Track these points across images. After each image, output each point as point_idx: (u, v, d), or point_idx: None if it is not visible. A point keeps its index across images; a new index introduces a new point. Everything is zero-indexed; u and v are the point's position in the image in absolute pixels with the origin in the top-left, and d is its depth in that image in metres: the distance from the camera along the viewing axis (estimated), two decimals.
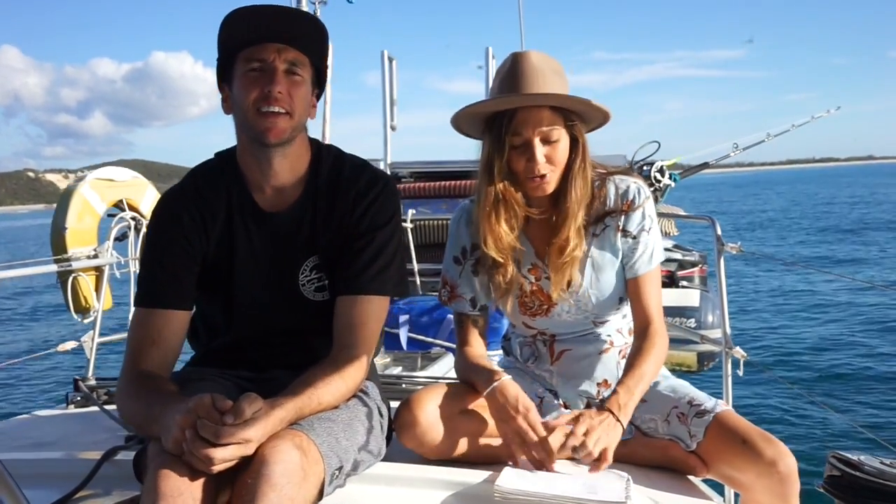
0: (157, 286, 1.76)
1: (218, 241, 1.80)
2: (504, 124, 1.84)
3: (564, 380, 2.06)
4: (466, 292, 2.03)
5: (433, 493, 1.71)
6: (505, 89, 1.85)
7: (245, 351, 1.86)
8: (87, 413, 2.59)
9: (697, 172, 6.36)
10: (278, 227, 1.81)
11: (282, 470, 1.38)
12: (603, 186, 1.95)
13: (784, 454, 1.70)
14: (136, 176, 4.55)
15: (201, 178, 1.84)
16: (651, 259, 1.96)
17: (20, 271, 3.40)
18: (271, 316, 1.84)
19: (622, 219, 1.93)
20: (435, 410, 1.82)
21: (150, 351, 1.71)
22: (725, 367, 2.86)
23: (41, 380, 10.00)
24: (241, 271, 1.81)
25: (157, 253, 1.79)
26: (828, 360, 9.34)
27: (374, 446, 1.74)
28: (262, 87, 1.67)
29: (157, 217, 1.83)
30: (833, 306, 12.96)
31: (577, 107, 1.86)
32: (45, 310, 14.19)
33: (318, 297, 1.84)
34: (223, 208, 1.80)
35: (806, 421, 6.70)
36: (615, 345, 2.04)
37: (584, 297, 1.96)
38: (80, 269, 3.70)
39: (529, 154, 1.84)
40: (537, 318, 2.02)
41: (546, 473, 1.77)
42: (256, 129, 1.70)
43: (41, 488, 1.69)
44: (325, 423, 1.57)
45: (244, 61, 1.70)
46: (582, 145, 1.89)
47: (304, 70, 1.74)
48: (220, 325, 1.90)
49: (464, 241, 2.02)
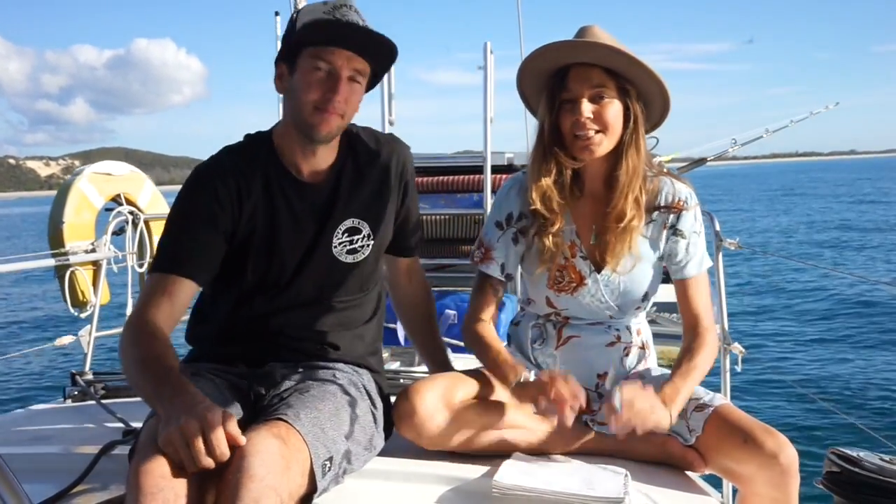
0: (181, 253, 1.76)
1: (252, 213, 1.83)
2: (556, 82, 1.89)
3: (565, 366, 2.05)
4: (500, 257, 2.05)
5: (431, 488, 1.71)
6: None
7: (245, 339, 1.86)
8: (84, 407, 2.58)
9: (695, 168, 6.35)
10: (314, 196, 1.86)
11: (260, 461, 1.37)
12: (656, 179, 1.98)
13: (785, 445, 1.71)
14: (134, 170, 4.54)
15: (236, 153, 1.88)
16: (702, 262, 2.00)
17: (17, 265, 3.39)
18: (301, 281, 1.87)
19: (672, 217, 1.96)
20: (433, 400, 1.82)
21: (162, 305, 1.70)
22: (724, 363, 2.87)
23: (38, 374, 9.99)
24: (276, 239, 1.84)
25: (185, 221, 1.80)
26: (826, 355, 9.36)
27: (364, 438, 1.73)
28: (325, 91, 1.74)
29: (189, 186, 1.83)
30: (832, 301, 12.98)
31: (630, 69, 1.87)
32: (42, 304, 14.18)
33: (349, 259, 1.90)
34: (259, 181, 1.83)
35: (804, 417, 6.71)
36: (622, 340, 2.04)
37: (614, 282, 1.97)
38: (77, 264, 3.69)
39: (577, 110, 1.87)
40: (562, 296, 2.02)
41: (545, 469, 1.77)
42: (308, 124, 1.77)
43: (39, 482, 1.69)
44: (309, 413, 1.58)
45: (312, 57, 1.74)
46: (635, 116, 1.91)
47: (364, 77, 1.82)
48: (232, 304, 1.88)
49: (511, 207, 2.04)
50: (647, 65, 1.85)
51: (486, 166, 3.95)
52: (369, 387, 1.86)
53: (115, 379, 2.74)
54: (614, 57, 1.85)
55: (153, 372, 1.55)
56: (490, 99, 3.98)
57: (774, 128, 6.11)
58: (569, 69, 1.89)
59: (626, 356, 2.04)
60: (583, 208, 2.00)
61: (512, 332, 2.20)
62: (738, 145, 6.06)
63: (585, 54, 1.87)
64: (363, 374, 1.89)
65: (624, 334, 2.05)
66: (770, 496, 1.73)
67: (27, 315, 13.78)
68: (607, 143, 1.90)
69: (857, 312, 11.94)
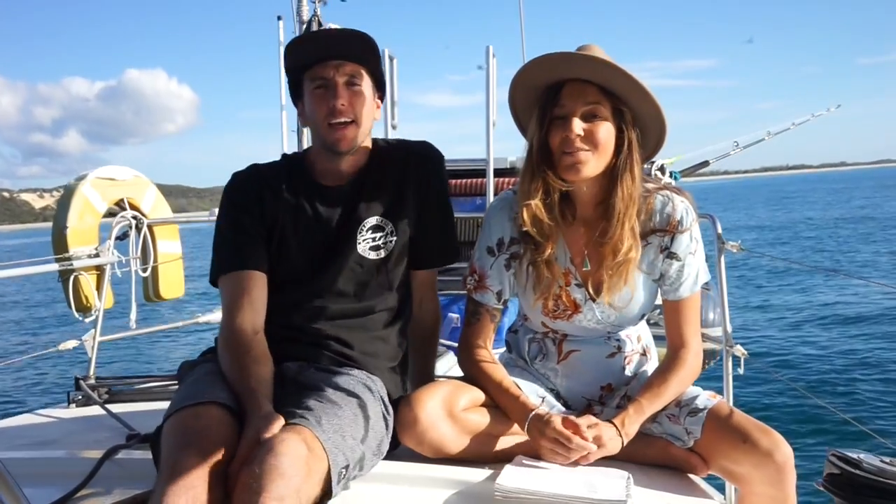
0: (240, 250, 1.92)
1: (276, 212, 1.95)
2: (550, 97, 1.84)
3: (568, 380, 2.05)
4: (495, 284, 2.00)
5: (433, 492, 1.71)
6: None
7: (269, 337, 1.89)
8: (88, 412, 2.59)
9: (698, 171, 6.35)
10: (340, 198, 1.97)
11: (290, 461, 1.42)
12: (649, 199, 1.90)
13: (780, 443, 1.71)
14: (138, 175, 4.54)
15: (269, 166, 2.05)
16: (696, 283, 1.93)
17: (21, 270, 3.40)
18: (326, 278, 1.93)
19: (667, 239, 1.89)
20: (435, 409, 1.81)
21: (244, 308, 1.85)
22: (726, 365, 2.86)
23: (42, 379, 10.00)
24: (306, 242, 1.94)
25: (234, 221, 1.96)
26: (828, 357, 9.34)
27: (377, 444, 1.75)
28: (328, 103, 1.88)
29: (229, 192, 2.01)
30: (833, 304, 12.95)
31: (627, 89, 1.81)
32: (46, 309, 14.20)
33: (373, 256, 1.95)
34: (290, 189, 1.97)
35: (806, 418, 6.69)
36: (623, 351, 2.04)
37: (609, 309, 1.95)
38: (81, 268, 3.69)
39: (567, 126, 1.80)
40: (557, 321, 2.00)
41: (547, 472, 1.77)
42: (329, 141, 1.91)
43: (42, 487, 1.70)
44: (332, 420, 1.60)
45: (309, 80, 1.92)
46: (629, 141, 1.84)
47: (363, 80, 1.93)
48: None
49: (501, 232, 1.98)
50: (645, 86, 1.78)
51: (488, 170, 3.96)
52: (382, 393, 1.88)
53: (120, 383, 2.75)
54: (610, 73, 1.79)
55: (239, 390, 1.69)
56: (493, 102, 3.98)
57: (776, 130, 6.11)
58: (563, 85, 1.82)
59: (628, 364, 2.04)
60: (575, 234, 1.94)
61: (511, 339, 2.19)
62: (741, 148, 6.05)
63: (581, 69, 1.80)
64: (376, 381, 1.90)
65: (624, 344, 2.04)
66: (768, 494, 1.74)
67: (31, 319, 13.79)
68: (595, 164, 1.82)
69: (857, 314, 11.92)
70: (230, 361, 1.77)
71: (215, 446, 1.49)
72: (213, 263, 1.95)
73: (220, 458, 1.48)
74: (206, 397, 1.62)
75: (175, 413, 1.60)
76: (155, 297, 4.38)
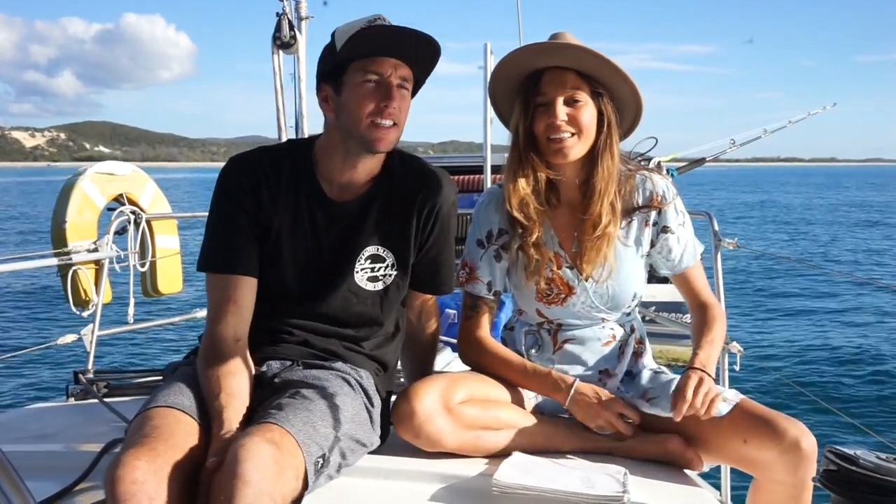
0: (232, 250, 1.82)
1: (279, 222, 1.84)
2: (530, 86, 1.92)
3: (566, 368, 2.06)
4: (485, 276, 2.06)
5: (430, 487, 1.72)
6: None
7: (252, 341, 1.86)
8: (86, 405, 2.60)
9: (694, 168, 6.36)
10: (343, 215, 1.87)
11: (254, 466, 1.39)
12: (630, 179, 2.00)
13: (806, 433, 1.75)
14: (137, 170, 4.54)
15: (272, 156, 1.89)
16: (695, 252, 2.05)
17: (20, 264, 3.40)
18: (314, 303, 1.87)
19: (653, 214, 2.00)
20: (433, 402, 1.82)
21: (229, 315, 1.78)
22: (723, 363, 2.88)
23: (41, 372, 9.99)
24: (299, 255, 1.86)
25: (228, 214, 1.84)
26: (824, 354, 9.36)
27: (360, 434, 1.74)
28: (379, 101, 1.76)
29: (224, 183, 1.86)
30: (829, 302, 12.97)
31: (603, 72, 1.90)
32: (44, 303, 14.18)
33: (369, 287, 1.90)
34: (291, 191, 1.85)
35: (802, 416, 6.70)
36: (617, 338, 2.06)
37: (602, 287, 1.99)
38: (79, 263, 3.69)
39: (552, 112, 1.89)
40: (552, 307, 2.04)
41: (544, 467, 1.78)
42: (368, 138, 1.78)
43: (42, 480, 1.70)
44: (300, 414, 1.59)
45: (359, 71, 1.76)
46: (608, 120, 1.94)
47: (410, 84, 1.84)
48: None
49: (489, 224, 2.05)
50: (621, 67, 1.87)
51: (486, 166, 3.96)
52: (366, 384, 1.86)
53: (118, 378, 2.75)
54: (588, 59, 1.87)
55: (210, 403, 1.67)
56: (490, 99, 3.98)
57: (773, 128, 6.13)
58: (542, 74, 1.91)
59: (623, 353, 2.05)
60: (561, 218, 2.02)
61: (507, 336, 2.21)
62: (737, 145, 6.07)
63: (560, 57, 1.89)
64: (361, 373, 1.89)
65: (618, 331, 2.07)
66: (788, 483, 1.76)
67: (30, 314, 13.78)
68: (580, 147, 1.92)
69: (855, 311, 11.94)
70: (206, 371, 1.73)
71: (169, 445, 1.49)
72: (202, 251, 1.86)
73: (178, 457, 1.48)
74: (171, 403, 1.63)
75: (140, 413, 1.62)
76: (153, 293, 4.39)
